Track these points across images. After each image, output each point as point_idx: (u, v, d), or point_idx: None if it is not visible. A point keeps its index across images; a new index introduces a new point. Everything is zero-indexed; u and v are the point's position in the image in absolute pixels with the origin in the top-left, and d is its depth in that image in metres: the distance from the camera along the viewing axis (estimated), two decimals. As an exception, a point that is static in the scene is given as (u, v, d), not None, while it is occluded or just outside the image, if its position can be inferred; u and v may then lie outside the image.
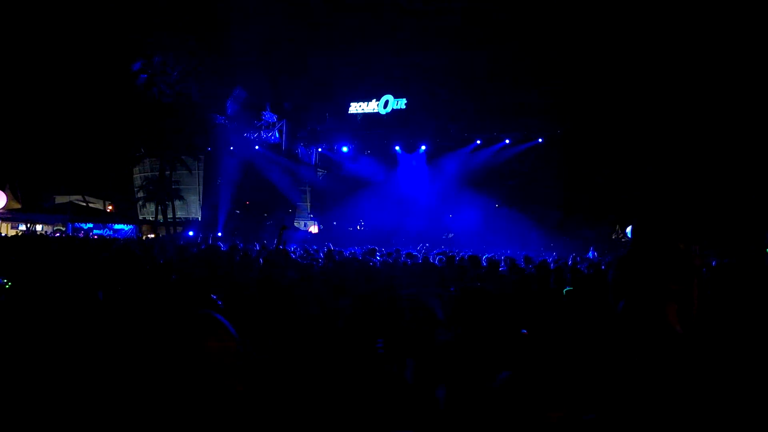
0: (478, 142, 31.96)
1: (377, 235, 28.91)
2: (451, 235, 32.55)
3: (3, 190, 37.06)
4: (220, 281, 6.19)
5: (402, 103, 34.00)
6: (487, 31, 31.86)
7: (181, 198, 41.18)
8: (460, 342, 3.08)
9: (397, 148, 34.21)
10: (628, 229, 28.34)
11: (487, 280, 7.13)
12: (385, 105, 34.18)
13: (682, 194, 25.70)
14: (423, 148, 33.55)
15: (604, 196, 28.11)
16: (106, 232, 38.08)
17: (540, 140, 30.67)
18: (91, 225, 38.46)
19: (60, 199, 42.33)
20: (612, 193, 27.93)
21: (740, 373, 2.48)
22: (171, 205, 40.13)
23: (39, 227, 37.61)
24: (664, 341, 2.41)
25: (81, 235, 35.14)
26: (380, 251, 13.59)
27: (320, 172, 39.88)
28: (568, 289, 5.56)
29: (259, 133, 37.67)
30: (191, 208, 43.22)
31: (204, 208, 40.71)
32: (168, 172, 39.71)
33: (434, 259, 11.14)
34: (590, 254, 20.59)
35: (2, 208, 36.96)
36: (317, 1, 35.15)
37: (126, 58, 36.42)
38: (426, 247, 20.05)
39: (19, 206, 38.15)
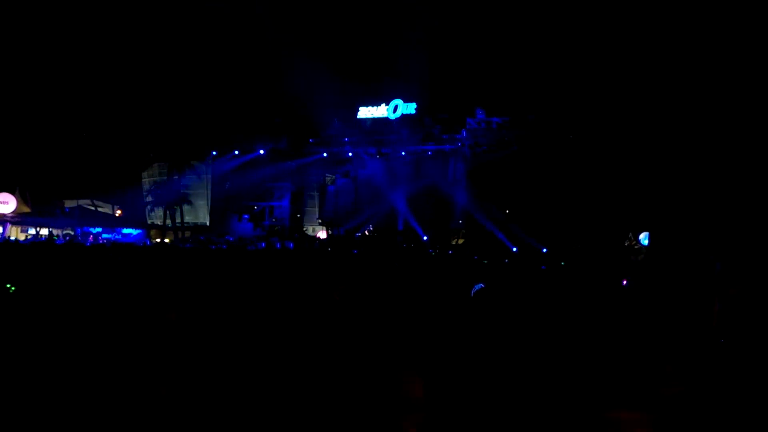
0: (485, 147, 31.61)
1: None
2: (461, 241, 32.29)
3: (13, 195, 37.23)
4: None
5: (412, 108, 33.77)
6: (498, 36, 31.60)
7: (189, 202, 41.13)
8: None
9: (402, 153, 33.95)
10: (642, 236, 27.94)
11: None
12: (395, 110, 33.97)
13: (700, 203, 25.18)
14: (430, 152, 33.27)
15: (617, 202, 27.64)
16: (115, 236, 38.19)
17: (548, 145, 30.26)
18: (99, 229, 38.57)
19: (69, 204, 42.45)
20: (625, 200, 27.46)
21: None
22: (179, 210, 40.11)
23: (46, 231, 37.73)
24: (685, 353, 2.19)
25: (90, 239, 35.21)
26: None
27: (328, 177, 39.73)
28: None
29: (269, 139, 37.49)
30: (199, 213, 43.15)
31: (212, 213, 40.62)
32: (176, 177, 39.70)
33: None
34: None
35: (12, 212, 37.11)
36: (327, 6, 35.09)
37: (132, 64, 36.55)
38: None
39: (28, 210, 38.30)
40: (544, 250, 27.08)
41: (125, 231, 39.01)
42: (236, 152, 36.33)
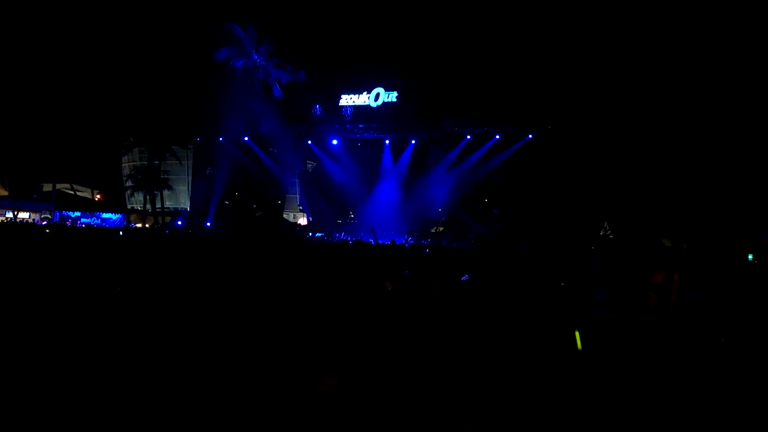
0: (468, 137, 32.01)
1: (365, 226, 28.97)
2: (441, 229, 32.76)
3: (-10, 178, 36.83)
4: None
5: (393, 96, 33.98)
6: (480, 24, 31.96)
7: (169, 188, 40.98)
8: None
9: (387, 141, 34.24)
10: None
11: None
12: (376, 98, 34.16)
13: (672, 192, 25.97)
14: (413, 141, 33.59)
15: (593, 192, 28.31)
16: (94, 220, 37.98)
17: (530, 136, 30.78)
18: (78, 213, 38.30)
19: (47, 188, 42.06)
20: (601, 189, 28.13)
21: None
22: (159, 195, 39.97)
23: (26, 215, 37.39)
24: (643, 326, 2.54)
25: (69, 223, 35.00)
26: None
27: (310, 164, 39.83)
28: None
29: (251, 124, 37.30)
30: (180, 198, 43.03)
31: (193, 198, 40.56)
32: (157, 162, 39.51)
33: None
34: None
35: (-11, 196, 36.74)
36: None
37: (111, 46, 36.24)
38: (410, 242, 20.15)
39: (6, 193, 37.92)
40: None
41: (105, 215, 38.79)
42: (221, 139, 36.20)
